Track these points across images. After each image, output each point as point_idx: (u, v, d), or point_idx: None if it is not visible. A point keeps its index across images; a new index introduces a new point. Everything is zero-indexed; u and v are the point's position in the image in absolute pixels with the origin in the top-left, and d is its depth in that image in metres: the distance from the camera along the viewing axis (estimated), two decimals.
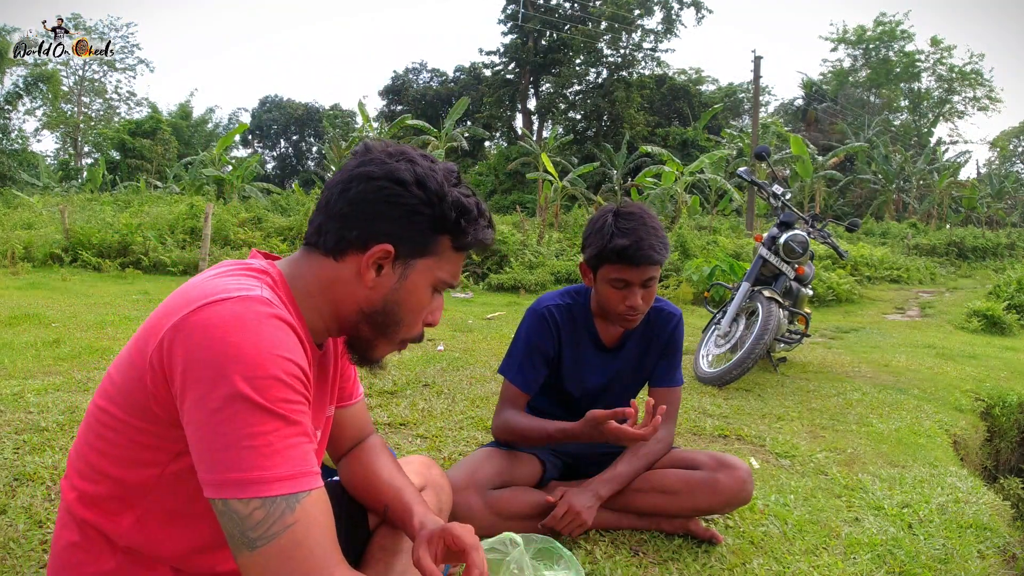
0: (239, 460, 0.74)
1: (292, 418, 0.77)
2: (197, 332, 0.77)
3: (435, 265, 0.95)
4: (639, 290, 1.63)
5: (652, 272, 1.63)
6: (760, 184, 4.34)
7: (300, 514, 0.76)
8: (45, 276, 8.76)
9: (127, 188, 21.84)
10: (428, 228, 0.93)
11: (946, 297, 11.14)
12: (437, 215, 0.92)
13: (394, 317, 0.95)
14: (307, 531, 0.76)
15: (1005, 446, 3.87)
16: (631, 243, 1.58)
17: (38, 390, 2.84)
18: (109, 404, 0.87)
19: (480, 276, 10.45)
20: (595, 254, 1.64)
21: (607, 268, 1.64)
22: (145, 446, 0.84)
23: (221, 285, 0.83)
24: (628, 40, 35.27)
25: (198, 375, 0.76)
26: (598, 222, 1.66)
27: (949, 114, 41.40)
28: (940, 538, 1.85)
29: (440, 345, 4.68)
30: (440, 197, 0.92)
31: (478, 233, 0.97)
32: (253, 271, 0.90)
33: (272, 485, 0.74)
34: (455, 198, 0.94)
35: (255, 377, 0.75)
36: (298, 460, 0.77)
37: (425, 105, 37.74)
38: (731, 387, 3.74)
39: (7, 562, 1.46)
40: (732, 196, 20.39)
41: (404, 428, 2.64)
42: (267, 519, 0.74)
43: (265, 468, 0.74)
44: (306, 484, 0.77)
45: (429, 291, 0.96)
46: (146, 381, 0.81)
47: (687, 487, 1.69)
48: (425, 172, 0.93)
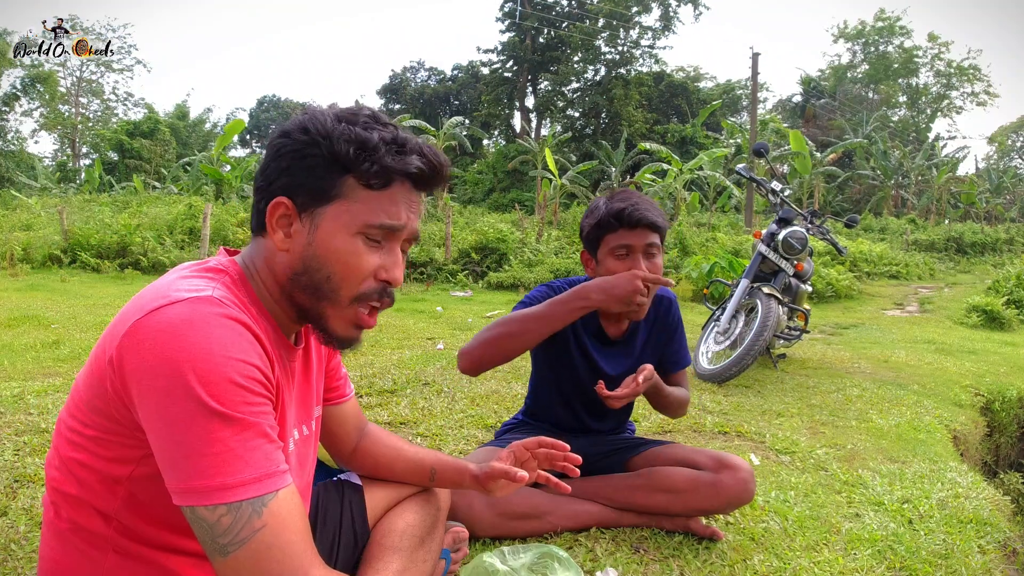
0: (200, 467, 0.73)
1: (250, 420, 0.76)
2: (147, 338, 0.75)
3: (350, 209, 0.87)
4: (643, 259, 1.62)
5: (653, 237, 1.63)
6: (759, 181, 4.34)
7: (268, 517, 0.75)
8: (44, 277, 8.76)
9: (125, 189, 21.83)
10: (323, 171, 0.86)
11: (945, 293, 11.15)
12: (328, 154, 0.86)
13: (319, 275, 0.88)
14: (277, 533, 0.75)
15: (1005, 441, 3.88)
16: (627, 205, 1.61)
17: (38, 392, 2.84)
18: (73, 416, 0.85)
19: (479, 275, 10.45)
20: (594, 224, 1.65)
21: (607, 239, 1.64)
22: (111, 457, 0.83)
23: (172, 288, 0.81)
24: (626, 37, 35.29)
25: (152, 383, 0.74)
26: (593, 204, 1.72)
27: (947, 110, 41.40)
28: (940, 533, 1.85)
29: (440, 344, 4.68)
30: (325, 135, 0.86)
31: (384, 161, 0.86)
32: (209, 270, 0.88)
33: (236, 490, 0.73)
34: (346, 133, 0.86)
35: (208, 382, 0.73)
36: (261, 462, 0.76)
37: (423, 104, 37.71)
38: (731, 384, 3.74)
39: (8, 564, 1.46)
40: (731, 193, 20.40)
41: (404, 427, 2.64)
42: (235, 525, 0.73)
43: (228, 474, 0.73)
44: (271, 485, 0.76)
45: (352, 238, 0.87)
46: (107, 387, 0.80)
47: (689, 487, 1.68)
48: (312, 116, 0.88)
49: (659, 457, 1.79)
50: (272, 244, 0.90)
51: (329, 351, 1.13)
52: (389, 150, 0.87)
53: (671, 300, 1.87)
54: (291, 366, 0.97)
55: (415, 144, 0.90)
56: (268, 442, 0.78)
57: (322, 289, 0.88)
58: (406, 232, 0.91)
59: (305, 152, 0.86)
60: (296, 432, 0.99)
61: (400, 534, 1.17)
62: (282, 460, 0.79)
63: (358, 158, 0.86)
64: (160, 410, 0.74)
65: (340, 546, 1.15)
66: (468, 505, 1.59)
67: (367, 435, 1.24)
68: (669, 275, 9.48)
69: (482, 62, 37.71)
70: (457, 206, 21.34)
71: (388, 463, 1.24)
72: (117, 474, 0.83)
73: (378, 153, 0.86)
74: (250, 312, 0.86)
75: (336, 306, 0.90)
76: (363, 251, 0.88)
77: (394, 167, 0.87)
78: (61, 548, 0.88)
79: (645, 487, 1.72)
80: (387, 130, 0.89)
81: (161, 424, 0.74)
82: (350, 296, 0.89)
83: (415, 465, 1.24)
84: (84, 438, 0.84)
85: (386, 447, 1.24)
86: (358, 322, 0.92)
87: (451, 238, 11.20)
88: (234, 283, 0.88)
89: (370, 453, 1.23)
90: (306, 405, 1.04)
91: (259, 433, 0.77)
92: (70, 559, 0.87)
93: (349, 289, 0.89)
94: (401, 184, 0.89)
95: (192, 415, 0.73)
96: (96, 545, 0.86)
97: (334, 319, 0.91)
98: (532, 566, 1.28)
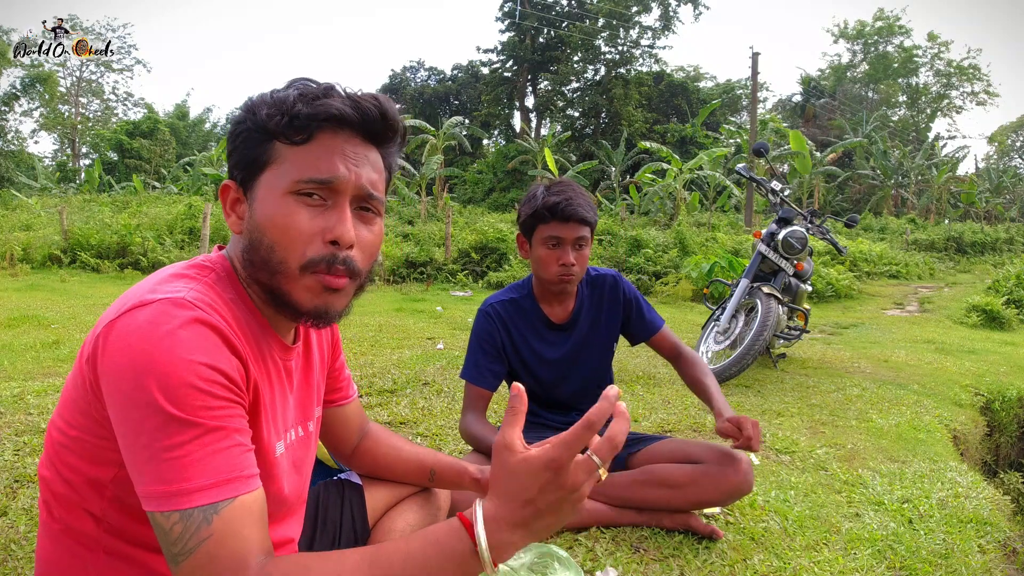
0: (159, 472, 0.71)
1: (212, 425, 0.73)
2: (116, 340, 0.75)
3: (278, 172, 0.83)
4: (572, 250, 1.75)
5: (583, 231, 1.76)
6: (759, 180, 4.33)
7: (217, 525, 0.71)
8: (44, 277, 8.76)
9: (125, 189, 21.83)
10: (253, 143, 0.84)
11: (945, 292, 11.15)
12: (253, 125, 0.84)
13: (263, 246, 0.83)
14: (221, 544, 0.71)
15: (1005, 441, 3.88)
16: (562, 199, 1.72)
17: (38, 392, 2.84)
18: (61, 417, 0.85)
19: (479, 274, 10.46)
20: (529, 214, 1.77)
21: (541, 228, 1.76)
22: (95, 459, 0.83)
23: (149, 288, 0.79)
24: (626, 37, 35.27)
25: (117, 386, 0.74)
26: (531, 192, 1.81)
27: (947, 109, 41.42)
28: (940, 533, 1.85)
29: (440, 343, 4.68)
30: (251, 108, 0.84)
31: (299, 110, 0.82)
32: (194, 267, 0.86)
33: (192, 496, 0.71)
34: (266, 99, 0.84)
35: (169, 387, 0.72)
36: (220, 468, 0.73)
37: (423, 104, 37.71)
38: (731, 383, 3.74)
39: (8, 564, 1.46)
40: (731, 192, 20.40)
41: (404, 427, 2.64)
42: (184, 533, 0.71)
43: (185, 479, 0.71)
44: (228, 492, 0.73)
45: (283, 199, 0.82)
46: (86, 387, 0.79)
47: (689, 480, 1.69)
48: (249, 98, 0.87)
49: (658, 453, 1.80)
50: (232, 231, 0.89)
51: (333, 353, 1.12)
52: (303, 99, 0.83)
53: (615, 277, 1.96)
54: (286, 365, 0.94)
55: (339, 92, 0.85)
56: (232, 446, 0.75)
57: (270, 262, 0.83)
58: (347, 185, 0.83)
59: (238, 130, 0.86)
60: (292, 433, 0.97)
61: (400, 534, 1.17)
62: (248, 464, 0.76)
63: (273, 117, 0.82)
64: (124, 414, 0.73)
65: (340, 545, 1.15)
66: (468, 505, 1.59)
67: (368, 435, 1.24)
68: (669, 274, 9.48)
69: (482, 62, 37.77)
70: (457, 206, 21.35)
71: (388, 463, 1.23)
72: (102, 476, 0.83)
73: (290, 104, 0.82)
74: (231, 311, 0.83)
75: (289, 277, 0.83)
76: (297, 211, 0.82)
77: (310, 113, 0.82)
78: (54, 548, 0.87)
79: (645, 482, 1.73)
80: (311, 88, 0.84)
81: (125, 428, 0.73)
82: (298, 264, 0.83)
83: (414, 465, 1.24)
84: (69, 439, 0.84)
85: (386, 447, 1.24)
86: (323, 284, 0.84)
87: (451, 238, 11.20)
88: (219, 280, 0.86)
89: (370, 453, 1.23)
90: (305, 405, 1.02)
91: (221, 437, 0.74)
92: (62, 559, 0.87)
93: (295, 256, 0.83)
94: (331, 134, 0.84)
95: (152, 419, 0.71)
96: (86, 545, 0.85)
97: (295, 293, 0.84)
98: (532, 566, 1.28)
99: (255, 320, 0.89)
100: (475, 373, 1.84)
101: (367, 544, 1.18)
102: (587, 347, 1.93)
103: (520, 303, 1.90)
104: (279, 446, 0.93)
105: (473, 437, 1.76)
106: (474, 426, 1.76)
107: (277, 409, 0.92)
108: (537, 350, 1.90)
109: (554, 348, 1.91)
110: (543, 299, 1.90)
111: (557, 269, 1.76)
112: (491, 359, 1.85)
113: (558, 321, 1.91)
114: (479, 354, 1.85)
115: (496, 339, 1.86)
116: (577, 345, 1.92)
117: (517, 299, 1.91)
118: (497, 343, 1.86)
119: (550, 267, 1.77)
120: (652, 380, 3.55)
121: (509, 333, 1.88)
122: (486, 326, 1.87)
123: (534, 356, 1.90)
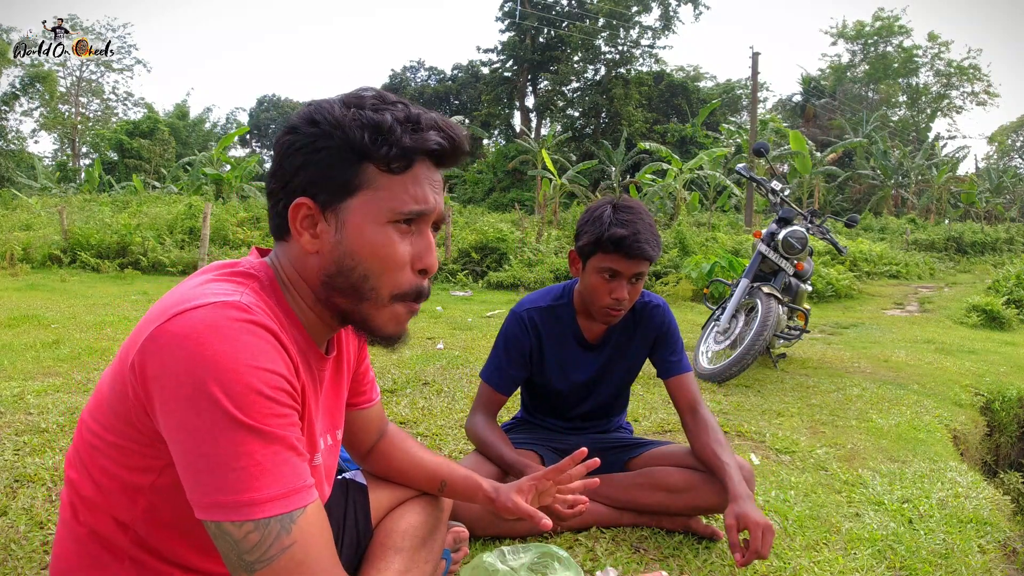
0: (227, 482, 0.70)
1: (278, 434, 0.73)
2: (170, 344, 0.72)
3: (374, 198, 0.81)
4: (627, 284, 1.64)
5: (642, 267, 1.64)
6: (759, 180, 4.33)
7: (297, 534, 0.72)
8: (44, 277, 8.75)
9: (125, 189, 21.83)
10: (340, 162, 0.81)
11: (945, 292, 11.15)
12: (342, 144, 0.80)
13: (355, 274, 0.83)
14: (306, 550, 0.73)
15: (1005, 441, 3.88)
16: (629, 234, 1.59)
17: (38, 391, 2.84)
18: (95, 418, 0.83)
19: (479, 274, 10.45)
20: (591, 241, 1.64)
21: (600, 257, 1.64)
22: (132, 466, 0.81)
23: (199, 291, 0.77)
24: (626, 37, 35.26)
25: (174, 391, 0.71)
26: (596, 211, 1.67)
27: (947, 109, 41.41)
28: (940, 533, 1.85)
29: (440, 343, 4.68)
30: (336, 124, 0.81)
31: (402, 142, 0.81)
32: (238, 274, 0.84)
33: (265, 506, 0.71)
34: (358, 118, 0.81)
35: (235, 393, 0.70)
36: (289, 477, 0.73)
37: (423, 104, 37.07)
38: (731, 383, 3.74)
39: (8, 564, 1.46)
40: (731, 192, 20.39)
41: (404, 426, 2.64)
42: (263, 542, 0.71)
43: (256, 489, 0.71)
44: (300, 501, 0.74)
45: (384, 229, 0.82)
46: (128, 393, 0.77)
47: (689, 485, 1.69)
48: (318, 106, 0.83)
49: (659, 457, 1.80)
50: (299, 248, 0.85)
51: (359, 357, 1.12)
52: (405, 129, 0.81)
53: (661, 307, 1.84)
54: (320, 375, 0.94)
55: (430, 119, 0.84)
56: (296, 455, 0.75)
57: (361, 289, 0.83)
58: (435, 215, 0.86)
59: (318, 145, 0.81)
60: (322, 442, 0.96)
61: (403, 534, 1.17)
62: (308, 474, 0.77)
63: (374, 142, 0.80)
64: (183, 420, 0.71)
65: (343, 545, 1.15)
66: (469, 505, 1.59)
67: (385, 437, 1.24)
68: (669, 275, 9.49)
69: (482, 62, 37.74)
70: (457, 206, 21.34)
71: (401, 469, 1.23)
72: (138, 483, 0.81)
73: (394, 134, 0.80)
74: (279, 319, 0.82)
75: (376, 304, 0.84)
76: (396, 241, 0.83)
77: (413, 146, 0.81)
78: (77, 550, 0.86)
79: (645, 486, 1.73)
80: (398, 109, 0.83)
81: (184, 435, 0.71)
82: (391, 293, 0.84)
83: (427, 475, 1.24)
84: (105, 443, 0.82)
85: (401, 452, 1.23)
86: (411, 312, 0.87)
87: (451, 238, 11.20)
88: (263, 288, 0.84)
89: (385, 455, 1.23)
90: (333, 414, 1.02)
91: (287, 446, 0.74)
92: (84, 563, 0.86)
93: (389, 285, 0.84)
94: (422, 163, 0.84)
95: (217, 426, 0.70)
96: (112, 552, 0.84)
97: (379, 319, 0.86)
98: (532, 566, 1.28)
99: (297, 329, 0.88)
100: (496, 375, 1.79)
101: (369, 545, 1.18)
102: (611, 371, 1.86)
103: (557, 312, 1.80)
104: (317, 456, 0.93)
105: (480, 440, 1.72)
106: (483, 429, 1.73)
107: (315, 418, 0.92)
108: (564, 368, 1.82)
109: (581, 370, 1.83)
110: (583, 313, 1.79)
111: (609, 301, 1.64)
112: (515, 365, 1.78)
113: (591, 339, 1.82)
114: (503, 357, 1.79)
115: (524, 347, 1.78)
116: (603, 367, 1.84)
117: (555, 307, 1.80)
118: (525, 351, 1.78)
119: (602, 298, 1.65)
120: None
121: (540, 344, 1.80)
122: (517, 332, 1.78)
123: (560, 373, 1.83)
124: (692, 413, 1.75)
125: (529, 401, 1.98)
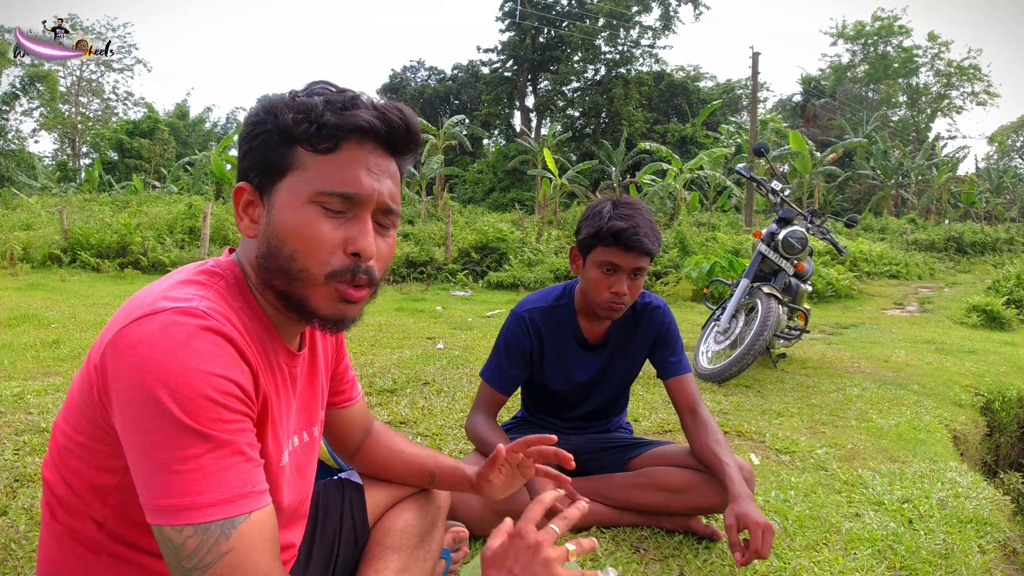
0: (170, 485, 0.70)
1: (225, 438, 0.73)
2: (126, 348, 0.73)
3: (300, 179, 0.81)
4: (627, 279, 1.65)
5: (642, 262, 1.65)
6: (759, 180, 4.33)
7: (236, 540, 0.71)
8: (44, 277, 8.76)
9: (125, 188, 21.83)
10: (273, 146, 0.82)
11: (945, 292, 11.15)
12: (274, 128, 0.82)
13: (282, 254, 0.82)
14: (244, 557, 0.71)
15: (1005, 441, 3.88)
16: (628, 227, 1.60)
17: (38, 391, 2.84)
18: (66, 420, 0.84)
19: (479, 274, 10.45)
20: (591, 234, 1.65)
21: (599, 250, 1.65)
22: (100, 466, 0.82)
23: (159, 296, 0.78)
24: (626, 37, 35.27)
25: (127, 395, 0.72)
26: (596, 207, 1.69)
27: (947, 109, 41.41)
28: (940, 533, 1.85)
29: (440, 343, 4.68)
30: (270, 110, 0.82)
31: (324, 119, 0.80)
32: (204, 273, 0.85)
33: (205, 511, 0.70)
34: (290, 102, 0.82)
35: (183, 398, 0.70)
36: (234, 482, 0.72)
37: (423, 104, 37.71)
38: (731, 383, 3.74)
39: (8, 563, 1.46)
40: (731, 192, 20.39)
41: (404, 426, 2.64)
42: (200, 547, 0.70)
43: (198, 493, 0.70)
44: (244, 507, 0.73)
45: (305, 208, 0.81)
46: (93, 395, 0.78)
47: (688, 486, 1.69)
48: (262, 97, 0.85)
49: (659, 457, 1.80)
50: (244, 235, 0.87)
51: (337, 355, 1.12)
52: (331, 107, 0.81)
53: (661, 308, 1.85)
54: (291, 372, 0.94)
55: (367, 101, 0.84)
56: (244, 460, 0.75)
57: (290, 270, 0.82)
58: (371, 199, 0.83)
59: (255, 132, 0.83)
60: (296, 439, 0.97)
61: (400, 533, 1.17)
62: (259, 480, 0.76)
63: (298, 123, 0.80)
64: (135, 424, 0.72)
65: (340, 545, 1.15)
66: (468, 505, 1.59)
67: (371, 434, 1.24)
68: (669, 275, 9.48)
69: (482, 62, 37.77)
70: (457, 205, 21.35)
71: (388, 465, 1.23)
72: (106, 483, 0.82)
73: (318, 113, 0.80)
74: (242, 320, 0.83)
75: (309, 284, 0.83)
76: (320, 221, 0.81)
77: (338, 123, 0.81)
78: (57, 548, 0.87)
79: (645, 486, 1.73)
80: (336, 94, 0.83)
81: (135, 438, 0.72)
82: (321, 273, 0.82)
83: (415, 468, 1.24)
84: (74, 443, 0.83)
85: (387, 449, 1.23)
86: (343, 295, 0.84)
87: (451, 237, 11.20)
88: (229, 288, 0.85)
89: (372, 453, 1.23)
90: (309, 411, 1.02)
91: (234, 451, 0.74)
92: (66, 560, 0.87)
93: (317, 265, 0.82)
94: (356, 145, 0.83)
95: (164, 431, 0.70)
96: (90, 548, 0.85)
97: (314, 299, 0.84)
98: None
99: (263, 328, 0.88)
100: (496, 375, 1.79)
101: (367, 544, 1.18)
102: (612, 371, 1.86)
103: (557, 312, 1.81)
104: (284, 456, 0.93)
105: (480, 440, 1.72)
106: (483, 429, 1.73)
107: (283, 418, 0.92)
108: (564, 368, 1.83)
109: (581, 371, 1.84)
110: (583, 313, 1.80)
111: (608, 296, 1.65)
112: (515, 365, 1.79)
113: (592, 340, 1.83)
114: (503, 357, 1.79)
115: (525, 347, 1.78)
116: (603, 367, 1.85)
117: (555, 308, 1.81)
118: (525, 351, 1.79)
119: (601, 292, 1.66)
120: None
121: (541, 344, 1.80)
122: (518, 332, 1.79)
123: (560, 373, 1.83)
124: (692, 413, 1.75)
125: (529, 401, 1.98)
